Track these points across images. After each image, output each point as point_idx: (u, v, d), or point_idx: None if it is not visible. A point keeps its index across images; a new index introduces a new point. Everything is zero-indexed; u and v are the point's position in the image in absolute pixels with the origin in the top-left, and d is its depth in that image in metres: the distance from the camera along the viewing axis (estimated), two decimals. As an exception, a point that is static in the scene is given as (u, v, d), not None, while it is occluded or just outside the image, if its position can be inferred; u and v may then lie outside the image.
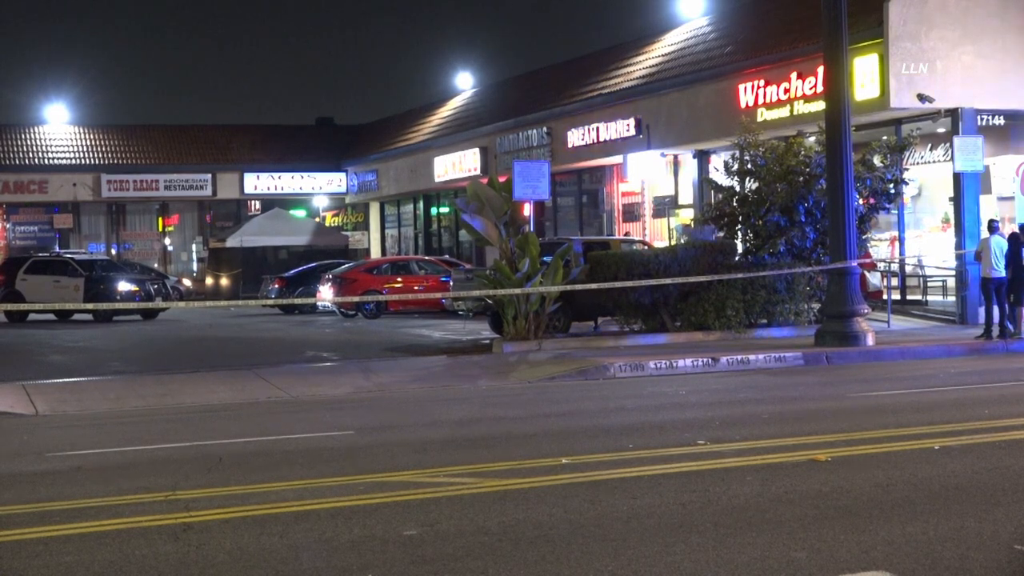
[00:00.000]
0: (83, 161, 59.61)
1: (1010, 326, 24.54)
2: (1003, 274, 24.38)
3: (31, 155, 59.38)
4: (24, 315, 38.46)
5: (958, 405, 15.39)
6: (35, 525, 9.44)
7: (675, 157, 38.47)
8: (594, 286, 24.97)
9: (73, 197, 58.93)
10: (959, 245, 28.50)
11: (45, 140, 60.32)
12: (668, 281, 24.91)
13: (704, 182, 35.38)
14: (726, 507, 9.46)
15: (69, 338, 31.77)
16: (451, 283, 34.08)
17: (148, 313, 39.42)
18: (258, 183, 61.31)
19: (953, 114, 28.64)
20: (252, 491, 10.61)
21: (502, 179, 26.64)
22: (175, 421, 16.11)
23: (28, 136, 60.33)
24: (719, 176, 30.57)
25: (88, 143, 60.99)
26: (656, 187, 39.61)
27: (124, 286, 40.00)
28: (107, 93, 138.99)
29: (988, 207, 28.80)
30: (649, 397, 17.39)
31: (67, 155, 59.89)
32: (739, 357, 21.76)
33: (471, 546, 8.43)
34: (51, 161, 59.31)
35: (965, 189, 28.45)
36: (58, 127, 61.18)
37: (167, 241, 62.13)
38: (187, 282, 53.63)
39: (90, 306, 35.93)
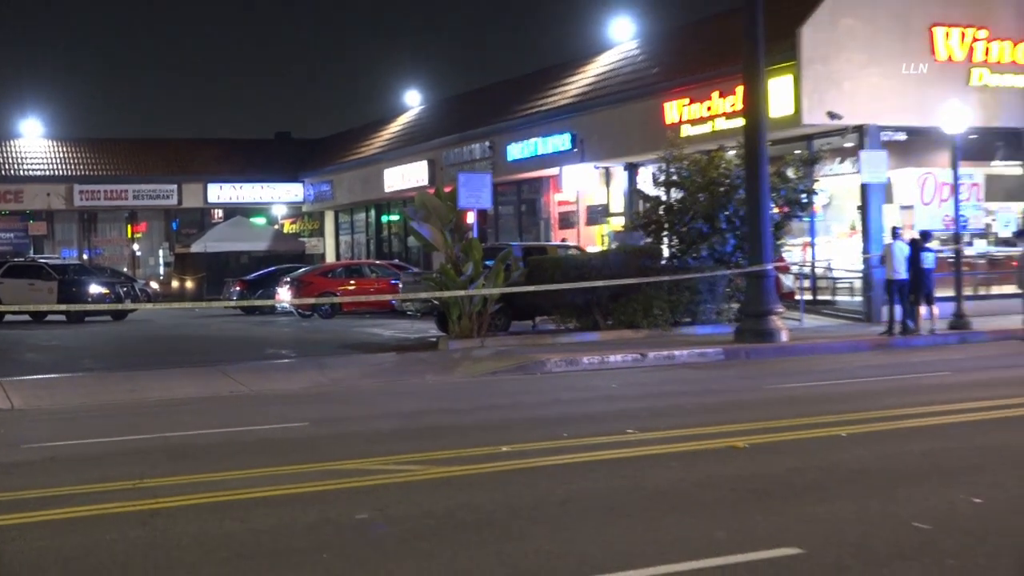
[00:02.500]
0: (57, 172, 59.19)
1: (910, 323, 24.84)
2: (905, 276, 24.66)
3: (7, 167, 58.78)
4: (0, 316, 37.98)
5: (864, 396, 15.54)
6: (10, 512, 9.32)
7: (607, 169, 38.58)
8: (532, 288, 25.02)
9: (47, 206, 58.46)
10: (865, 250, 28.79)
11: (20, 153, 59.77)
12: (600, 283, 24.98)
13: (633, 192, 35.57)
14: (653, 491, 9.50)
15: (43, 337, 31.42)
16: (400, 285, 34.03)
17: (118, 314, 39.06)
18: (221, 193, 60.99)
19: (859, 130, 28.93)
20: (215, 479, 10.55)
21: (448, 189, 26.60)
22: (143, 414, 15.98)
23: (4, 149, 59.76)
24: (647, 187, 30.75)
25: (61, 155, 60.50)
26: (590, 197, 39.71)
27: (95, 289, 39.62)
28: (79, 108, 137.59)
29: (891, 215, 29.09)
30: (583, 390, 17.44)
31: (41, 167, 59.38)
32: (665, 353, 21.84)
33: (418, 528, 8.42)
34: (26, 172, 58.78)
35: (870, 199, 28.75)
36: (33, 140, 60.68)
37: (135, 247, 61.68)
38: (154, 285, 53.14)
39: (63, 307, 35.52)
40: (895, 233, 25.61)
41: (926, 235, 25.78)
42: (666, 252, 27.96)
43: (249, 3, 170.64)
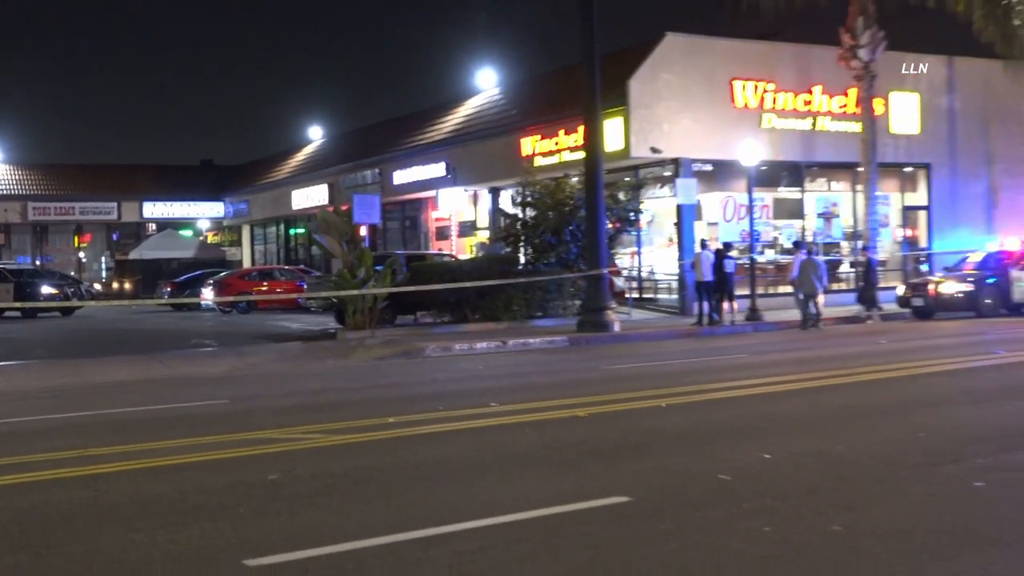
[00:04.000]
0: (13, 192, 57.20)
1: (715, 316, 25.36)
2: (711, 278, 25.17)
3: (-31, 187, 56.67)
4: (-36, 313, 36.60)
5: (679, 374, 15.78)
6: (-29, 479, 8.98)
7: (475, 192, 38.65)
8: (414, 288, 24.95)
9: (4, 220, 56.49)
10: (680, 257, 29.31)
11: (-20, 175, 57.67)
12: (469, 284, 25.01)
13: (496, 211, 35.66)
14: (511, 453, 9.52)
15: (1, 331, 30.27)
16: (305, 286, 33.62)
17: (66, 311, 38.00)
18: (154, 209, 59.73)
19: (676, 162, 29.44)
20: (148, 448, 10.27)
21: (344, 208, 26.42)
22: (87, 395, 15.52)
23: (-33, 172, 57.54)
24: (507, 206, 30.81)
25: (17, 178, 58.52)
26: (461, 214, 39.75)
27: (46, 289, 38.53)
28: (31, 136, 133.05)
29: (700, 230, 29.69)
30: (455, 371, 17.42)
31: (-1, 187, 57.43)
32: (521, 341, 21.94)
33: (320, 486, 8.31)
34: (-15, 191, 56.73)
35: (684, 217, 29.28)
36: (-8, 165, 58.71)
37: (81, 254, 59.91)
38: (97, 286, 51.74)
39: (18, 305, 34.37)
40: (703, 244, 26.13)
41: (728, 246, 26.35)
42: (522, 259, 28.10)
43: (175, 48, 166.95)
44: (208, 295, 38.31)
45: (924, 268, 33.53)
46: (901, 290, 28.49)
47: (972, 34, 29.03)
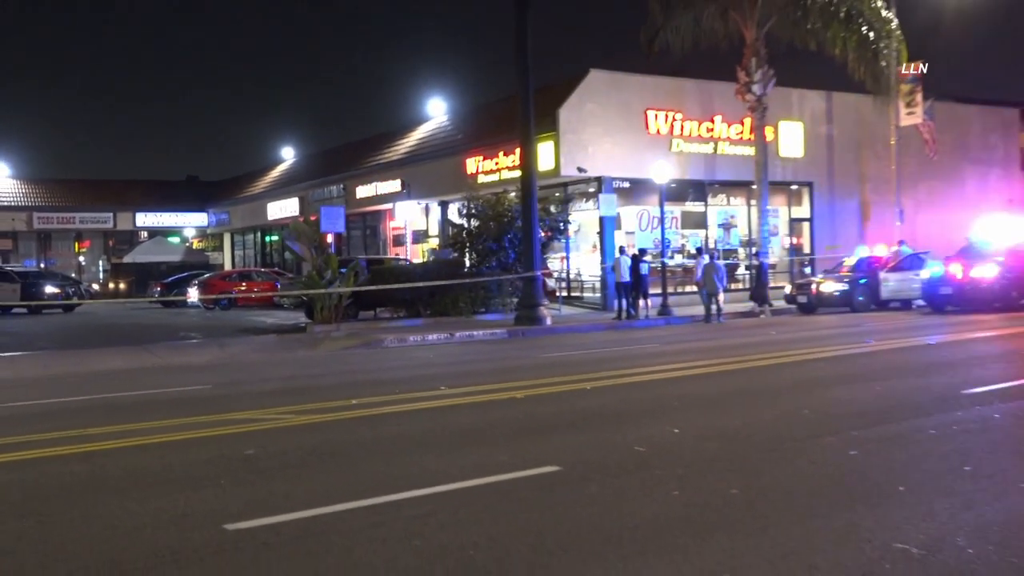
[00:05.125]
0: (20, 203, 55.94)
1: (632, 311, 25.54)
2: (628, 279, 25.35)
3: (-20, 199, 55.20)
4: (-25, 310, 35.66)
5: (602, 361, 15.82)
6: (-19, 456, 8.73)
7: (427, 205, 38.51)
8: (374, 288, 24.80)
9: (12, 228, 55.20)
10: (602, 261, 29.48)
11: (-9, 188, 56.22)
12: (422, 284, 24.93)
13: (445, 221, 35.59)
14: (457, 430, 9.48)
15: (9, 326, 29.54)
16: (279, 286, 33.27)
17: (67, 308, 37.21)
18: (146, 219, 58.73)
19: (599, 180, 29.61)
20: (139, 427, 10.07)
21: (313, 218, 26.18)
22: (86, 381, 15.18)
23: (-22, 185, 56.02)
24: (455, 217, 30.77)
25: (24, 191, 57.25)
26: (414, 224, 39.54)
27: (50, 289, 37.75)
28: (37, 154, 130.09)
29: (620, 238, 29.87)
30: (409, 360, 17.34)
31: (8, 199, 55.97)
32: (467, 333, 21.92)
33: (292, 460, 8.21)
34: (-4, 203, 55.36)
35: (606, 227, 29.45)
36: (1, 180, 57.12)
37: (81, 258, 58.68)
38: (96, 286, 50.70)
39: (24, 303, 33.57)
40: (622, 250, 26.29)
41: (643, 251, 26.57)
42: (468, 263, 28.09)
43: (165, 76, 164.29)
44: (194, 294, 37.74)
45: (808, 271, 34.07)
46: (788, 289, 28.95)
47: (847, 73, 29.55)
